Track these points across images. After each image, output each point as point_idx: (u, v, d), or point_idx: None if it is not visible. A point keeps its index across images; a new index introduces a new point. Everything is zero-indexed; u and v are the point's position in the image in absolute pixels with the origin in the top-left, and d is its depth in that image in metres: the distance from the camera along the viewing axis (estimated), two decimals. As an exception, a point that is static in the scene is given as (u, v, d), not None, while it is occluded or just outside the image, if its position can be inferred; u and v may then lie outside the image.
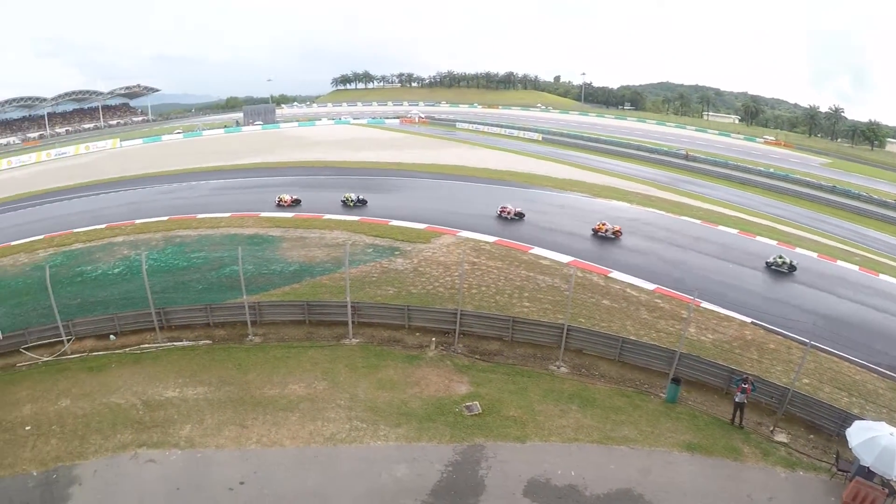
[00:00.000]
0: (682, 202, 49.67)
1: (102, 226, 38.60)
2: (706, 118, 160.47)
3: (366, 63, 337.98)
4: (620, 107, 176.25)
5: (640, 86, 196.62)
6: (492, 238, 33.77)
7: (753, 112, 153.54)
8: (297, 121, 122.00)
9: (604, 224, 35.50)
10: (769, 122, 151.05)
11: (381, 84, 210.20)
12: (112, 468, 16.14)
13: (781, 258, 31.77)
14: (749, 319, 24.85)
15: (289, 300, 25.36)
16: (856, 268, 35.17)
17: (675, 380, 19.24)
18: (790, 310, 26.22)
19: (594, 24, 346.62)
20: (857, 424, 15.62)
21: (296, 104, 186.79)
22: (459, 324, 22.47)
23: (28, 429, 17.88)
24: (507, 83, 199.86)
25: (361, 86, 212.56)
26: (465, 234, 34.28)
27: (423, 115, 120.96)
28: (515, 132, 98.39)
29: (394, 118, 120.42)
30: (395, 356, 21.64)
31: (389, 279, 27.81)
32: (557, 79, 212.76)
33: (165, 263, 31.05)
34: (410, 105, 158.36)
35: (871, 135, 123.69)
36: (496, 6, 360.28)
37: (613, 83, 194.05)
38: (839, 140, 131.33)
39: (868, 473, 14.52)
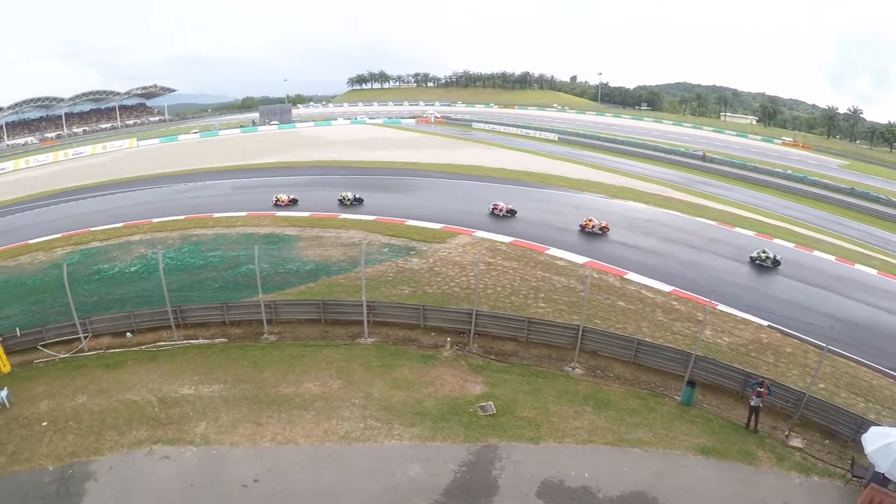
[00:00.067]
0: (699, 203, 49.21)
1: (119, 225, 39.05)
2: (723, 119, 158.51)
3: (384, 63, 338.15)
4: (637, 107, 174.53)
5: (657, 86, 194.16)
6: (508, 238, 33.77)
7: (771, 113, 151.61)
8: (314, 120, 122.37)
9: (590, 220, 36.05)
10: (787, 123, 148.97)
11: (397, 84, 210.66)
12: (127, 464, 16.31)
13: (765, 252, 32.20)
14: (766, 323, 24.59)
15: (304, 299, 25.48)
16: (874, 271, 34.67)
17: (691, 382, 19.10)
18: (808, 313, 25.91)
19: (610, 25, 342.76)
20: (874, 430, 15.41)
21: (312, 104, 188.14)
22: (475, 324, 22.47)
23: (45, 424, 18.10)
24: (524, 83, 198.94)
25: (377, 86, 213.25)
26: (481, 234, 34.33)
27: (439, 115, 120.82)
28: (531, 132, 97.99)
29: (409, 118, 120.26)
30: (410, 356, 21.69)
31: (405, 279, 27.88)
32: (574, 79, 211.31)
33: (182, 262, 31.38)
34: (426, 105, 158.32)
35: (891, 136, 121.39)
36: (516, 6, 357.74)
37: (630, 83, 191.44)
38: (858, 141, 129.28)
39: (883, 480, 14.26)
